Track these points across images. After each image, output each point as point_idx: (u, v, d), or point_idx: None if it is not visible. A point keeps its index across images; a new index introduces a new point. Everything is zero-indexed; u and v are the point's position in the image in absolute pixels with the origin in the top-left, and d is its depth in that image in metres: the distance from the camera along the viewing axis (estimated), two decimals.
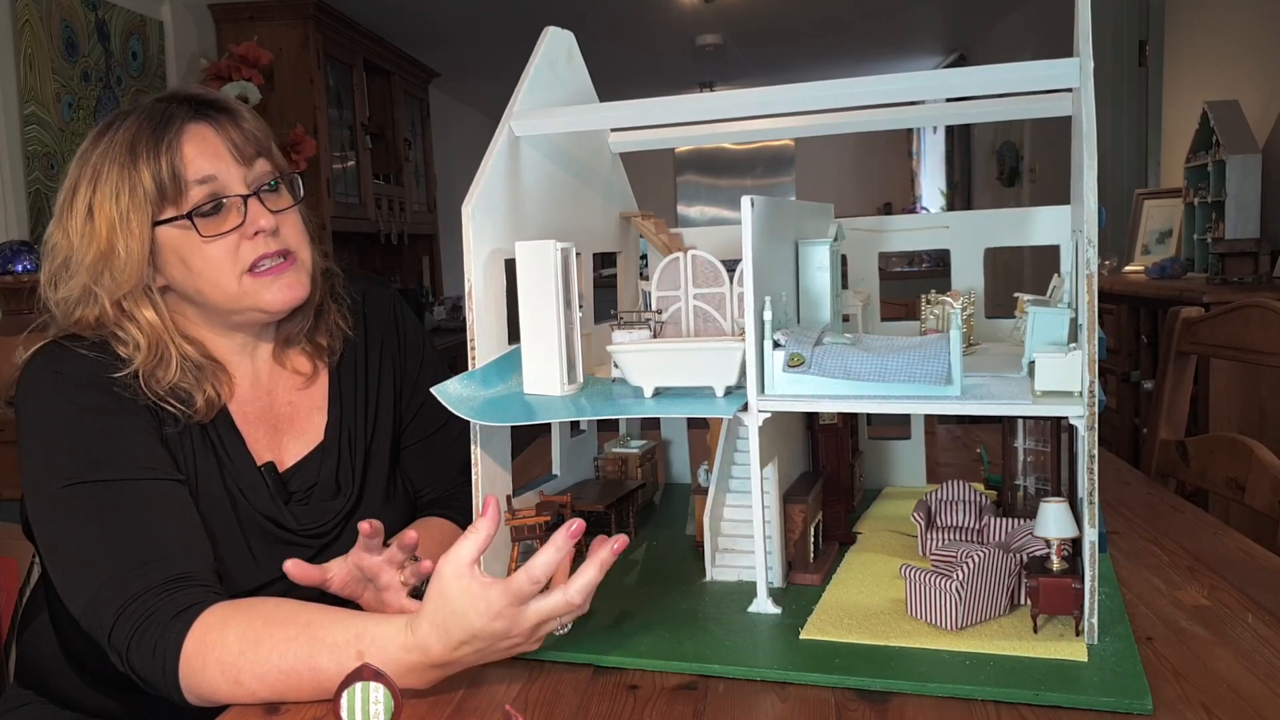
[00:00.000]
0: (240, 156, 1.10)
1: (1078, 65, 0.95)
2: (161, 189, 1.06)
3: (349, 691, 0.75)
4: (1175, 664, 0.86)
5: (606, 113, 1.21)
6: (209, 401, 1.11)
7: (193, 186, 1.07)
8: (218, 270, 1.09)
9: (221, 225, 1.09)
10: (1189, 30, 3.70)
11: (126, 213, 1.06)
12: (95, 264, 1.07)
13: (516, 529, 1.09)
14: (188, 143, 1.08)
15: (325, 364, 1.23)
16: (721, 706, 0.83)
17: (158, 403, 1.08)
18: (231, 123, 1.11)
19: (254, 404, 1.18)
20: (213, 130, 1.10)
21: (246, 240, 1.09)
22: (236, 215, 1.09)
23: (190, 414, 1.10)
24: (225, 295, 1.10)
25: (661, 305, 1.11)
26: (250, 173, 1.11)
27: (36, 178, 3.10)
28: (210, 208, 1.08)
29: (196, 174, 1.07)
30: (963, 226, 1.38)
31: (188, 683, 0.91)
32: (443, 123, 6.60)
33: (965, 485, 1.15)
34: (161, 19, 3.89)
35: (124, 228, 1.06)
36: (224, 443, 1.13)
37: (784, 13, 5.54)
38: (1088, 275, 0.86)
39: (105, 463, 1.02)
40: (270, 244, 1.11)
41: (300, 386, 1.22)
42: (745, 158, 8.99)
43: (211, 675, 0.89)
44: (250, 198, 1.10)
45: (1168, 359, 1.72)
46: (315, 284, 1.18)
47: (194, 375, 1.11)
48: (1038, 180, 5.46)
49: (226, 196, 1.09)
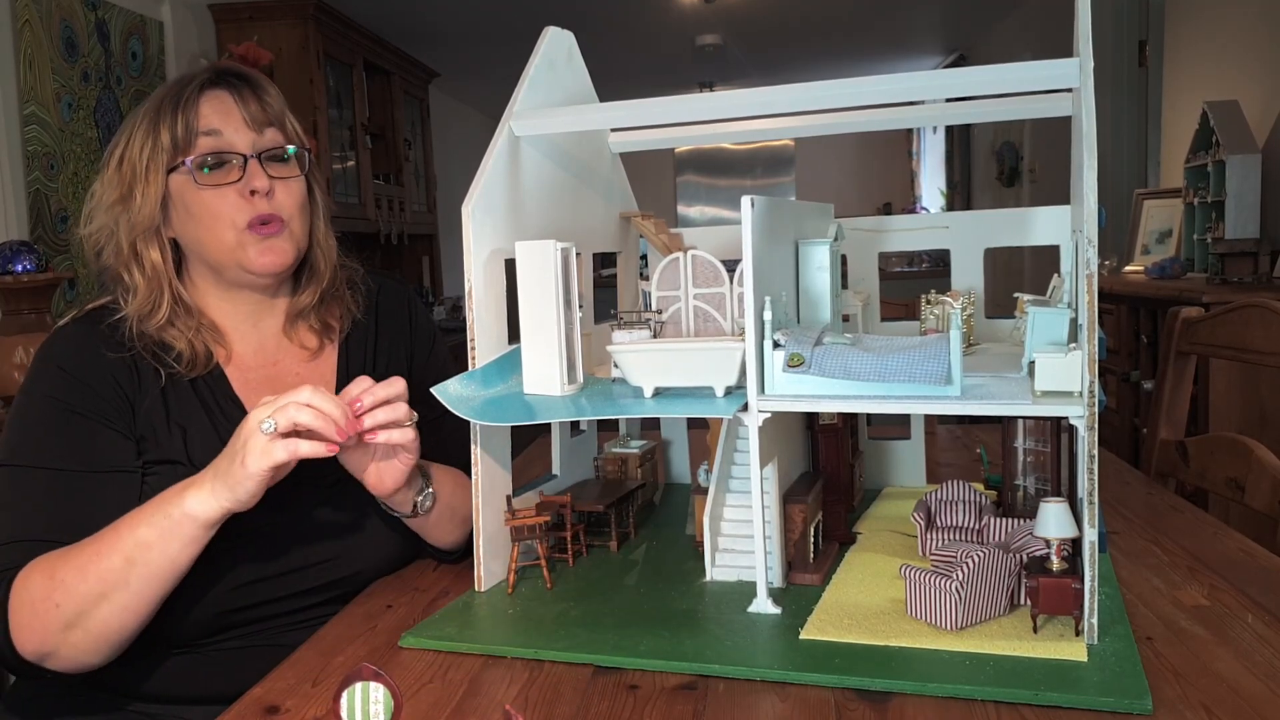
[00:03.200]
0: (251, 122, 1.18)
1: (1078, 65, 0.95)
2: (175, 141, 1.16)
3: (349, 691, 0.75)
4: (1175, 664, 0.86)
5: (606, 113, 1.21)
6: (196, 352, 1.18)
7: (200, 138, 1.16)
8: (214, 219, 1.16)
9: (221, 179, 1.17)
10: (1189, 30, 3.70)
11: (147, 162, 1.17)
12: (114, 206, 1.18)
13: (516, 529, 1.09)
14: (205, 102, 1.18)
15: (333, 342, 1.29)
16: (721, 706, 0.83)
17: (150, 358, 1.17)
18: (250, 92, 1.20)
19: (257, 371, 1.24)
20: (230, 95, 1.19)
21: (244, 199, 1.17)
22: (236, 172, 1.17)
23: (177, 368, 1.17)
24: (221, 245, 1.17)
25: (661, 305, 1.11)
26: (259, 139, 1.19)
27: (36, 178, 3.10)
28: (213, 160, 1.16)
29: (205, 127, 1.16)
30: (963, 226, 1.38)
31: (16, 619, 1.02)
32: (443, 123, 6.60)
33: (965, 485, 1.14)
34: (161, 19, 3.89)
35: (143, 176, 1.17)
36: (218, 401, 1.19)
37: (784, 13, 5.54)
38: (1088, 275, 0.86)
39: (51, 454, 1.12)
40: (263, 206, 1.17)
41: (306, 359, 1.28)
42: (745, 158, 8.99)
43: (31, 587, 1.02)
44: (251, 159, 1.17)
45: (1168, 359, 1.72)
46: (324, 267, 1.26)
47: (182, 324, 1.19)
48: (1038, 180, 5.46)
49: (228, 152, 1.17)
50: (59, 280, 2.36)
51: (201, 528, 1.02)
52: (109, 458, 1.13)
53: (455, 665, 0.93)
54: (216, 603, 1.13)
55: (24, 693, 1.20)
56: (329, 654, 0.98)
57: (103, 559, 1.01)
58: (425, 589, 1.15)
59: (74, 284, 3.24)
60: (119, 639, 1.05)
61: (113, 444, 1.14)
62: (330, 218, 1.29)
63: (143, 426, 1.15)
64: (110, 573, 1.01)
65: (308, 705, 0.88)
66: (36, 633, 1.02)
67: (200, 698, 1.14)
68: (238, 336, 1.25)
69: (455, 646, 0.97)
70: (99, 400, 1.14)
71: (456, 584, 1.15)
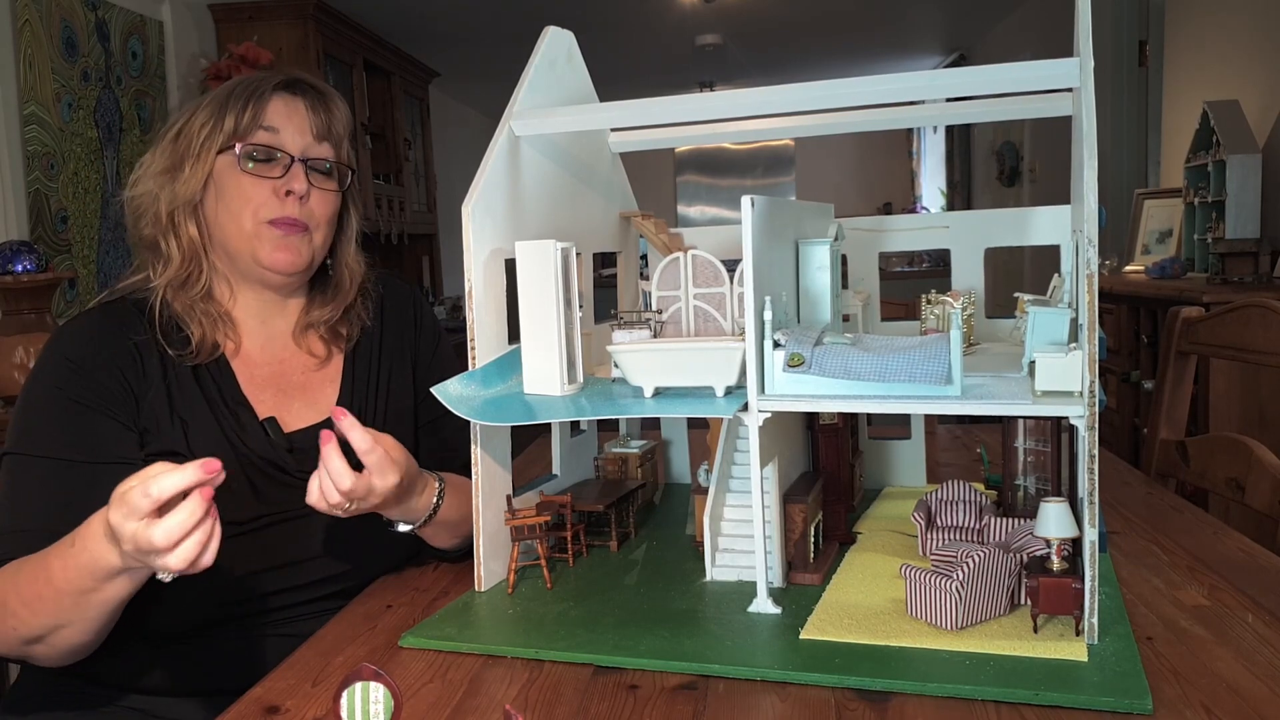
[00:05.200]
0: (312, 131, 1.22)
1: (1078, 65, 0.95)
2: (237, 127, 1.20)
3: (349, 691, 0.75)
4: (1175, 664, 0.86)
5: (606, 113, 1.21)
6: (205, 340, 1.20)
7: (259, 130, 1.20)
8: (242, 204, 1.19)
9: (263, 172, 1.20)
10: (1189, 30, 3.70)
11: (204, 140, 1.20)
12: (162, 175, 1.21)
13: (516, 529, 1.09)
14: (275, 100, 1.22)
15: (340, 351, 1.31)
16: (721, 706, 0.83)
17: (160, 340, 1.18)
18: (321, 104, 1.25)
19: (263, 368, 1.26)
20: (304, 102, 1.23)
21: (277, 196, 1.20)
22: (279, 170, 1.20)
23: (184, 353, 1.18)
24: (240, 232, 1.20)
25: (661, 305, 1.11)
26: (313, 147, 1.23)
27: (36, 178, 3.10)
28: (261, 154, 1.20)
29: (267, 123, 1.20)
30: (963, 226, 1.38)
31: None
32: (443, 123, 6.60)
33: (965, 485, 1.14)
34: (161, 19, 3.89)
35: (195, 151, 1.20)
36: (222, 394, 1.20)
37: (784, 13, 5.54)
38: (1088, 275, 0.86)
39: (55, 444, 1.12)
40: (293, 208, 1.20)
41: (313, 367, 1.29)
42: (745, 158, 8.99)
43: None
44: (298, 162, 1.21)
45: (1168, 359, 1.72)
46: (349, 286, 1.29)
47: (200, 308, 1.21)
48: (1038, 180, 5.46)
49: (279, 149, 1.20)
50: (59, 280, 2.36)
51: (144, 573, 0.97)
52: (112, 449, 1.13)
53: (455, 665, 0.94)
54: (215, 596, 1.13)
55: (27, 687, 1.20)
56: (329, 654, 0.98)
57: (48, 601, 0.98)
58: (425, 589, 1.15)
59: (74, 284, 3.24)
60: (85, 648, 1.05)
61: (116, 435, 1.14)
62: (361, 243, 1.33)
63: (146, 418, 1.16)
64: (61, 611, 0.99)
65: (308, 705, 0.88)
66: (2, 644, 1.04)
67: (198, 691, 1.14)
68: (245, 331, 1.26)
69: (455, 646, 0.97)
70: (103, 391, 1.15)
71: (456, 584, 1.15)
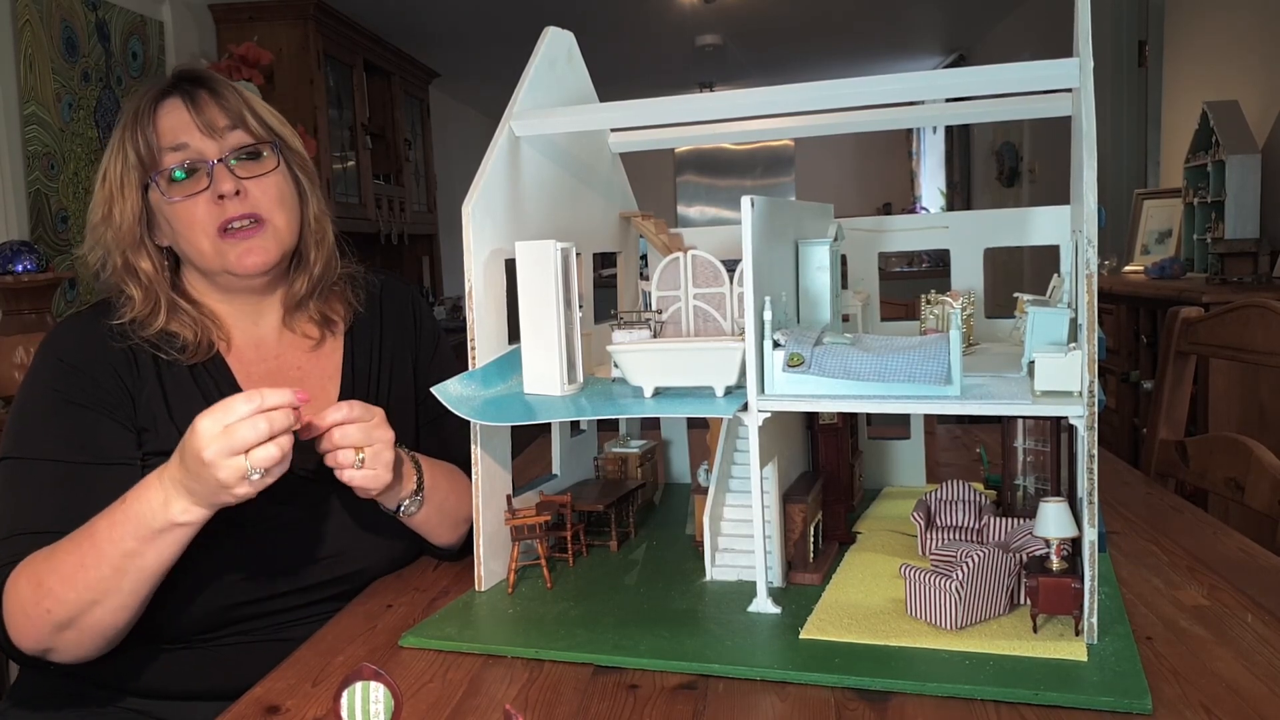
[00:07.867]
0: (209, 129, 1.17)
1: (1077, 65, 0.95)
2: (141, 157, 1.17)
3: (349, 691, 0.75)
4: (1175, 664, 0.86)
5: (606, 113, 1.21)
6: (200, 339, 1.20)
7: (166, 153, 1.17)
8: (189, 229, 1.17)
9: (191, 188, 1.17)
10: (1189, 30, 3.70)
11: (121, 178, 1.18)
12: (99, 225, 1.20)
13: (516, 529, 1.09)
14: (162, 115, 1.18)
15: (335, 335, 1.30)
16: (721, 706, 0.83)
17: (149, 348, 1.18)
18: (207, 95, 1.19)
19: (260, 365, 1.25)
20: (183, 104, 1.18)
21: (214, 204, 1.17)
22: (205, 180, 1.17)
23: (177, 356, 1.18)
24: (200, 254, 1.18)
25: (661, 305, 1.11)
26: (224, 143, 1.18)
27: (36, 178, 3.10)
28: (183, 173, 1.17)
29: (170, 142, 1.17)
30: (962, 226, 1.38)
31: (10, 619, 1.04)
32: (443, 123, 6.60)
33: (965, 485, 1.14)
34: (161, 19, 3.89)
35: (119, 191, 1.18)
36: (220, 392, 1.19)
37: (784, 13, 5.54)
38: (1087, 275, 0.86)
39: (53, 445, 1.12)
40: (235, 207, 1.17)
41: (308, 349, 1.28)
42: (745, 158, 8.99)
43: (21, 591, 1.03)
44: (217, 164, 1.17)
45: (1167, 359, 1.72)
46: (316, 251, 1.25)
47: (181, 319, 1.20)
48: (1037, 180, 5.46)
49: (196, 161, 1.17)
50: (59, 280, 2.36)
51: (191, 531, 1.02)
52: (110, 449, 1.13)
53: (455, 665, 0.94)
54: (218, 598, 1.13)
55: (28, 688, 1.20)
56: (329, 654, 0.98)
57: (89, 570, 1.01)
58: (425, 589, 1.15)
59: (74, 284, 3.24)
60: (114, 633, 1.06)
61: (114, 435, 1.14)
62: (322, 199, 1.29)
63: (143, 418, 1.16)
64: (100, 581, 1.01)
65: (308, 705, 0.88)
66: (31, 634, 1.04)
67: (201, 693, 1.14)
68: (238, 331, 1.26)
69: (455, 646, 0.97)
70: (100, 392, 1.15)
71: (456, 584, 1.15)
